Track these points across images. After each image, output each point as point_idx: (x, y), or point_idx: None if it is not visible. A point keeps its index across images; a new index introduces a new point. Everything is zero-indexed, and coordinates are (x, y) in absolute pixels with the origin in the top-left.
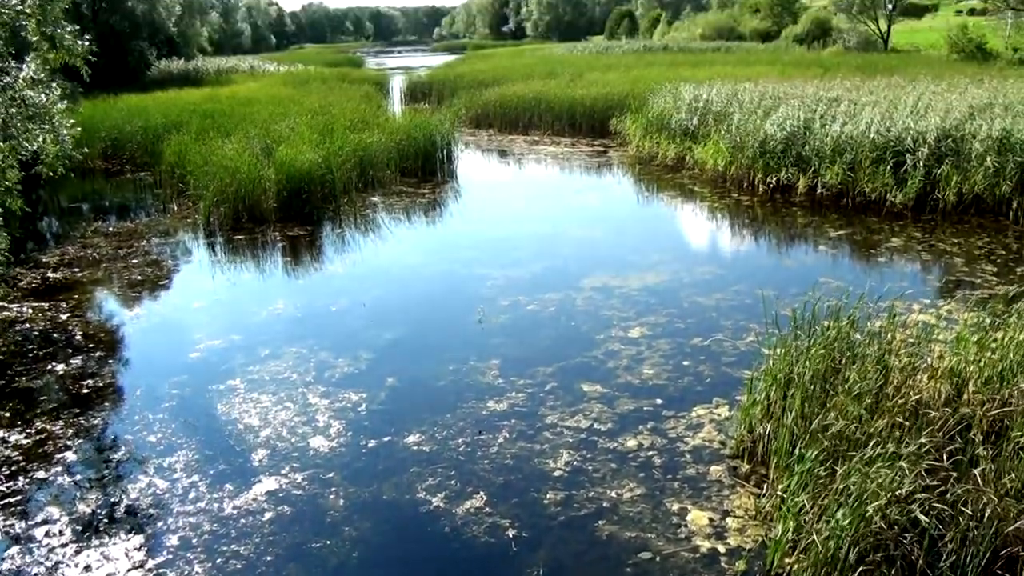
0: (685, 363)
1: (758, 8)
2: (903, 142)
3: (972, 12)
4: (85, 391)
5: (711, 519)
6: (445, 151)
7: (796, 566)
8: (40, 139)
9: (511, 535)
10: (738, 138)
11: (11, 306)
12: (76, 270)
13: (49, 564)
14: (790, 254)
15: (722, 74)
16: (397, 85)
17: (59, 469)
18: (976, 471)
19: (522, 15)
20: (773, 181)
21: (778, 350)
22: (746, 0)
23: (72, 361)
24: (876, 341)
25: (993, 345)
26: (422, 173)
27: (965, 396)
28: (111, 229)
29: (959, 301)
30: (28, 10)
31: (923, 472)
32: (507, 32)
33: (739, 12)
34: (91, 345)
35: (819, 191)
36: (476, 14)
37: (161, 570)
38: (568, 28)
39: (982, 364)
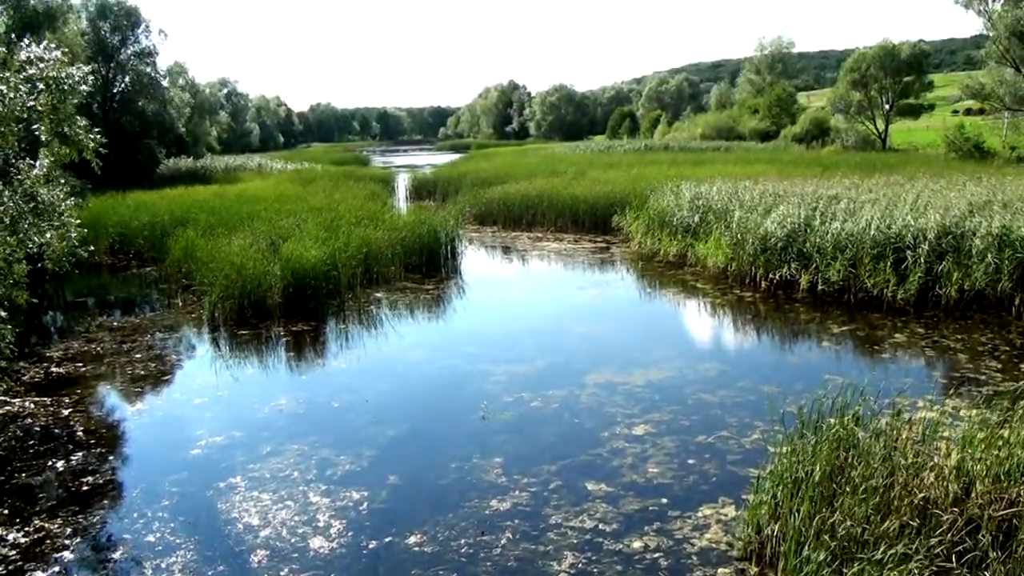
0: (690, 461)
1: (757, 109)
2: (903, 239)
3: (968, 112)
4: (85, 488)
5: None
6: (449, 247)
7: None
8: (47, 235)
9: None
10: (739, 235)
11: (13, 401)
12: (79, 364)
13: None
14: (794, 350)
15: (722, 172)
16: (403, 183)
17: (56, 570)
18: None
19: (525, 115)
20: (775, 277)
21: (784, 448)
22: (745, 101)
23: (72, 458)
24: (882, 439)
25: (999, 443)
26: (426, 269)
27: (973, 495)
28: (115, 324)
29: (964, 398)
30: (40, 107)
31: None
32: (511, 132)
33: (738, 112)
34: (92, 441)
35: (821, 287)
36: (480, 114)
37: None
38: (570, 128)
39: (989, 463)
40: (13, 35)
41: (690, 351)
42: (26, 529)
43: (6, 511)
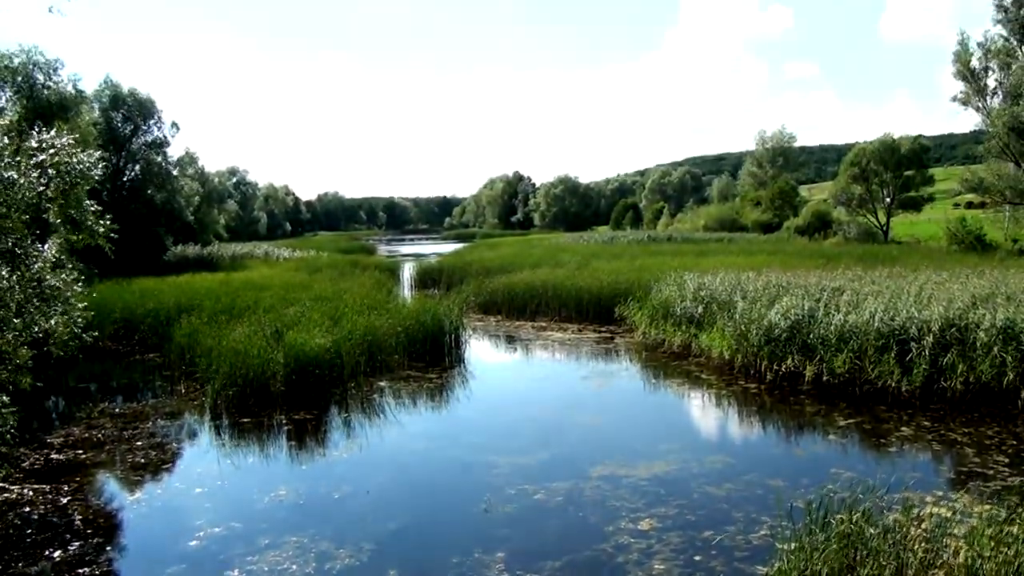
0: (697, 558)
1: (759, 201)
2: (908, 331)
3: (970, 205)
4: None
5: None
6: (453, 336)
7: None
8: (52, 319)
9: None
10: (743, 326)
11: (12, 488)
12: (80, 451)
13: None
14: (800, 443)
15: (725, 263)
16: (408, 272)
17: None
18: None
19: (530, 206)
20: (780, 369)
21: (792, 545)
22: (747, 193)
23: (70, 548)
24: (891, 536)
25: (1008, 540)
26: (430, 358)
27: None
28: (117, 410)
29: (972, 493)
30: (51, 193)
31: None
32: (515, 222)
33: (740, 204)
34: (90, 531)
35: (826, 379)
36: (485, 205)
37: None
38: (574, 219)
39: (998, 561)
40: (26, 124)
41: (695, 443)
42: None
43: None
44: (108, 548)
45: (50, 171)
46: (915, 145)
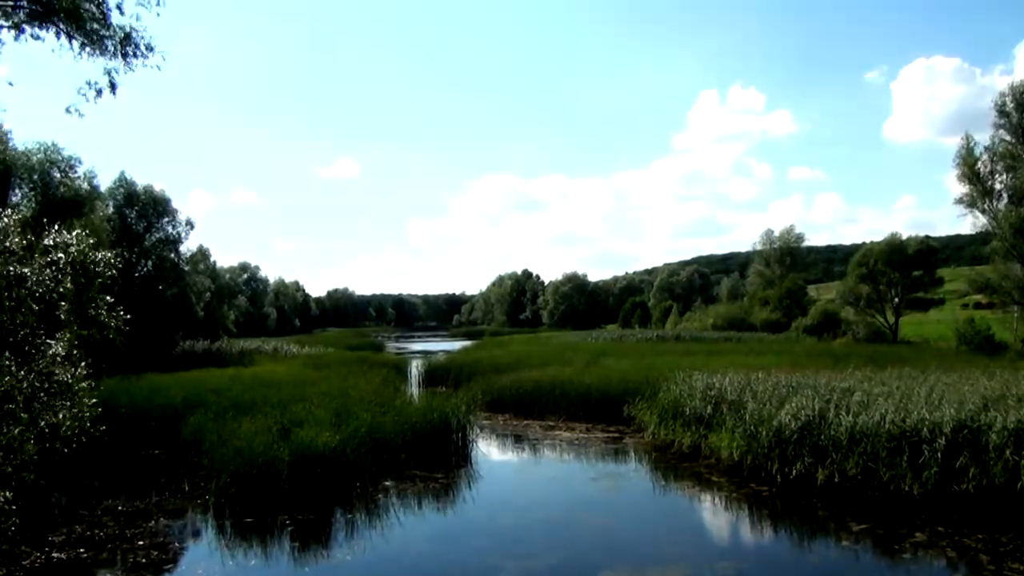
0: None
1: (767, 300)
2: (920, 432)
3: (978, 305)
4: None
5: None
6: (460, 435)
7: None
8: (60, 414)
9: None
10: (753, 427)
11: None
12: (81, 550)
13: None
14: (812, 548)
15: (734, 363)
16: (416, 369)
17: None
18: None
19: (538, 304)
20: (791, 472)
21: None
22: (755, 292)
23: None
24: None
25: None
26: (437, 457)
27: None
28: (121, 508)
29: None
30: (63, 290)
31: None
32: (523, 319)
33: (749, 304)
34: None
35: (838, 481)
36: (494, 302)
37: None
38: (583, 317)
39: None
40: (41, 221)
41: (706, 548)
42: None
43: None
44: None
45: (65, 268)
46: (922, 246)
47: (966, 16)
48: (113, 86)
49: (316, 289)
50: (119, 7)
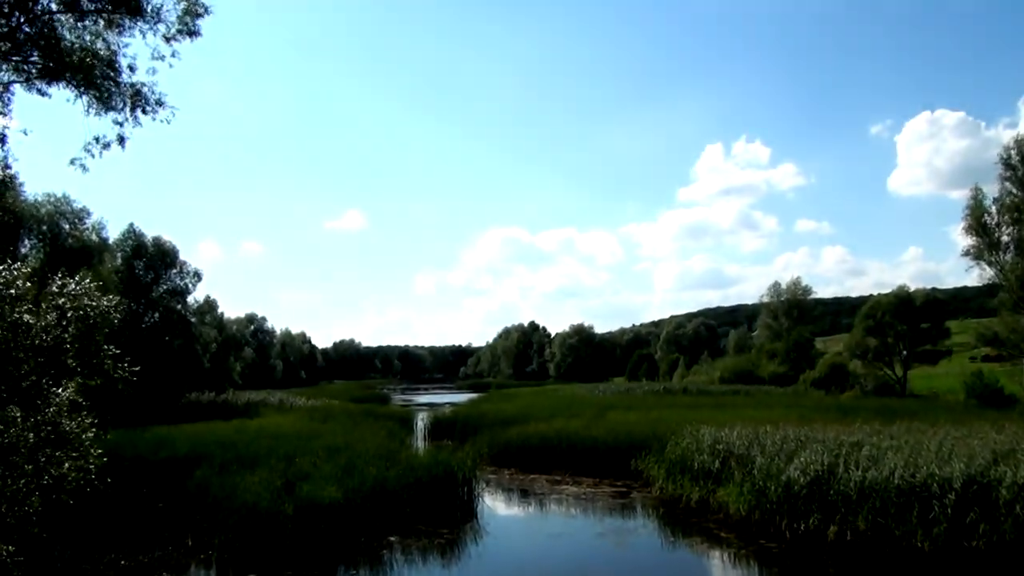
0: None
1: (775, 353)
2: (929, 488)
3: (987, 358)
4: None
5: None
6: (466, 489)
7: None
8: (65, 465)
9: None
10: (761, 482)
11: None
12: None
13: None
14: None
15: (742, 417)
16: (421, 421)
17: None
18: None
19: (545, 356)
20: (800, 528)
21: None
22: (763, 345)
23: None
24: None
25: None
26: (442, 511)
27: None
28: (123, 562)
29: None
30: (68, 337)
31: None
32: (530, 372)
33: (756, 357)
34: None
35: (848, 536)
36: (500, 355)
37: None
38: (589, 369)
39: None
40: (48, 271)
41: None
42: None
43: None
44: None
45: (69, 315)
46: (929, 298)
47: (970, 70)
48: (122, 140)
49: (322, 340)
50: (131, 67)
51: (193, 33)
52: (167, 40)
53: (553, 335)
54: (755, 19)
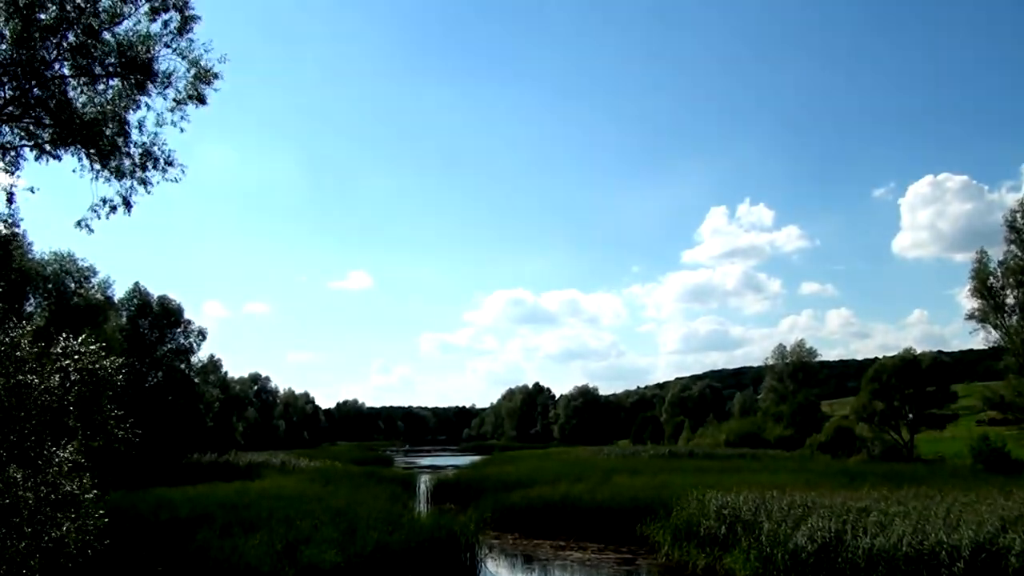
0: None
1: (781, 416)
2: (938, 555)
3: (993, 422)
4: None
5: None
6: (468, 555)
7: None
8: (65, 527)
9: None
10: (768, 548)
11: None
12: None
13: None
14: None
15: (748, 481)
16: (424, 484)
17: None
18: None
19: (549, 418)
20: None
21: None
22: (768, 408)
23: None
24: None
25: None
26: None
27: None
28: None
29: None
30: (71, 398)
31: None
32: (534, 434)
33: (762, 420)
34: None
35: None
36: (504, 416)
37: None
38: (594, 431)
39: None
40: (53, 329)
41: None
42: None
43: None
44: None
45: (73, 376)
46: (935, 361)
47: (973, 134)
48: (128, 204)
49: (326, 400)
50: (140, 126)
51: (201, 100)
52: (177, 104)
53: (558, 396)
54: (758, 84)
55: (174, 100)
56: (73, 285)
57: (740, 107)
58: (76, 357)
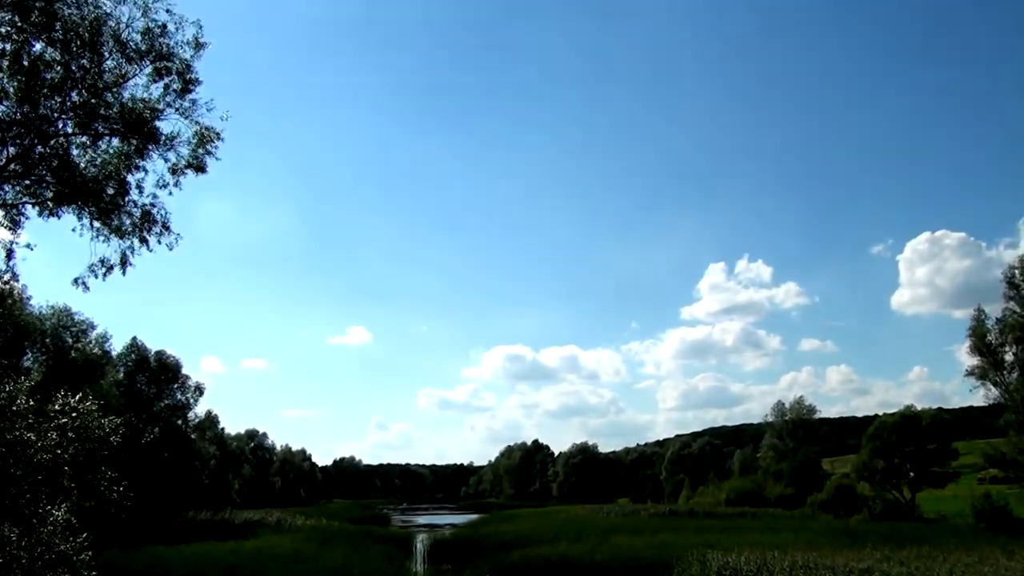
0: None
1: (781, 474)
2: None
3: (995, 480)
4: None
5: None
6: None
7: None
8: None
9: None
10: None
11: None
12: None
13: None
14: None
15: (750, 541)
16: (421, 543)
17: None
18: None
19: (548, 475)
20: None
21: None
22: (769, 466)
23: None
24: None
25: None
26: None
27: None
28: None
29: None
30: (67, 457)
31: None
32: (533, 492)
33: (762, 478)
34: None
35: None
36: (503, 474)
37: None
38: (593, 489)
39: None
40: (51, 386)
41: None
42: None
43: None
44: None
45: (69, 435)
46: (936, 419)
47: (970, 191)
48: (125, 264)
49: (323, 457)
50: (140, 188)
51: (201, 169)
52: (177, 170)
53: (556, 454)
54: (756, 140)
55: (173, 168)
56: (71, 340)
57: (738, 163)
58: (74, 415)
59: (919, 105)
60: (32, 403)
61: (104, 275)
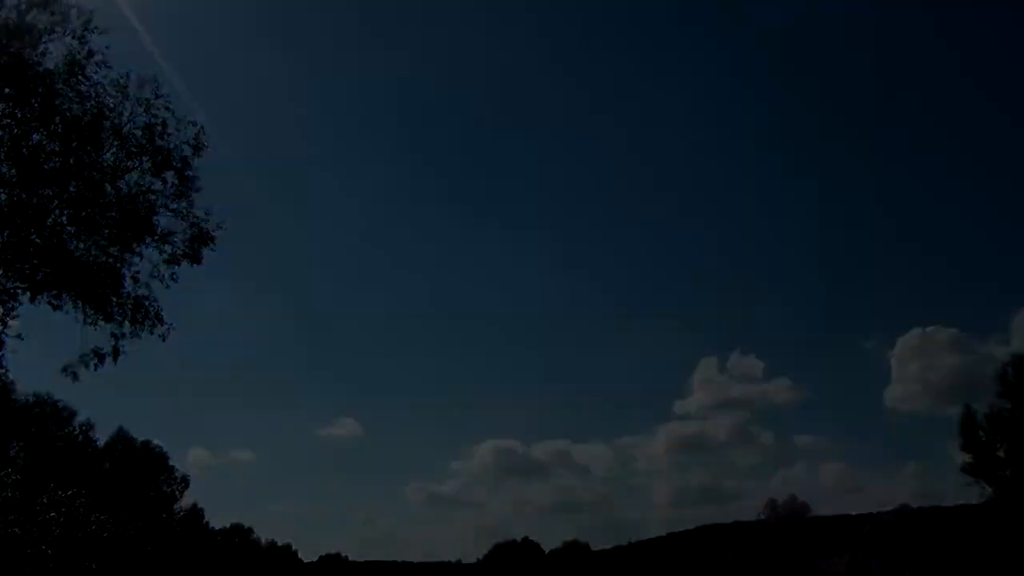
0: None
1: None
2: None
3: None
4: None
5: None
6: None
7: None
8: None
9: None
10: None
11: None
12: None
13: None
14: None
15: None
16: None
17: None
18: None
19: None
20: None
21: None
22: None
23: None
24: None
25: None
26: None
27: None
28: None
29: None
30: (51, 553)
31: None
32: None
33: None
34: None
35: None
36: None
37: None
38: None
39: None
40: (35, 476)
41: None
42: None
43: None
44: None
45: (56, 531)
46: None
47: (961, 287)
48: (116, 354)
49: (309, 552)
50: (135, 279)
51: (196, 260)
52: (172, 260)
53: (547, 552)
54: (747, 235)
55: (169, 259)
56: (55, 429)
57: (730, 258)
58: (61, 509)
59: (907, 197)
60: (18, 495)
61: (96, 366)
